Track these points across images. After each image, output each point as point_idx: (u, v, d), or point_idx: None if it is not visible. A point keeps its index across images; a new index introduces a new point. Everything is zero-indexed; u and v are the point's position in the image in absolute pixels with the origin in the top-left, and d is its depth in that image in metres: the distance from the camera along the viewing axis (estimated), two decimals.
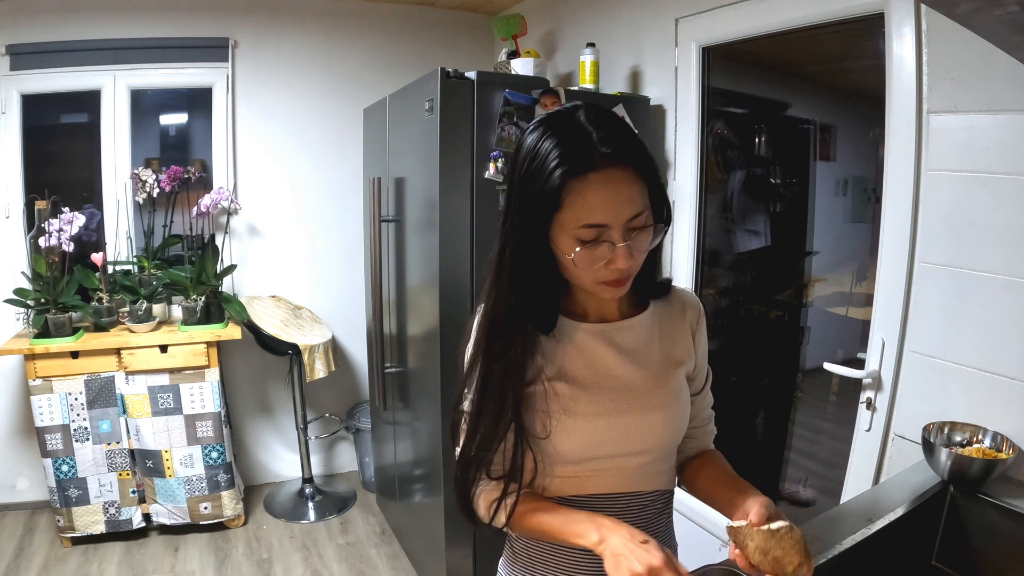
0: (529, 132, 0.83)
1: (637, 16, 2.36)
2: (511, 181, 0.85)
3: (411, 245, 2.24)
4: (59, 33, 2.69)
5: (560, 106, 0.84)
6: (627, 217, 0.79)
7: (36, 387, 2.46)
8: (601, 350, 0.91)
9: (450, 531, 2.11)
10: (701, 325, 1.01)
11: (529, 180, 0.80)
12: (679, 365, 0.96)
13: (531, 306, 0.87)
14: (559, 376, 0.90)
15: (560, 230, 0.81)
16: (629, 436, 0.90)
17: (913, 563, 1.27)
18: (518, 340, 0.86)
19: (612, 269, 0.81)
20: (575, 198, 0.78)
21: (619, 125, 0.82)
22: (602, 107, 0.85)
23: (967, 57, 1.35)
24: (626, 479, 0.92)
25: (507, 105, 1.94)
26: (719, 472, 0.98)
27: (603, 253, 0.80)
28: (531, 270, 0.85)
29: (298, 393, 2.96)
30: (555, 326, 0.90)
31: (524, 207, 0.82)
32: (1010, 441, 1.29)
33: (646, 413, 0.91)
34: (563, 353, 0.91)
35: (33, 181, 2.75)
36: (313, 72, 3.04)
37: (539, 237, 0.83)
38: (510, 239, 0.84)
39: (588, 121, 0.80)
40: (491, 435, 0.88)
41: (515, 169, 0.84)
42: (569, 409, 0.89)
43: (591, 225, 0.79)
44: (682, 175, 2.23)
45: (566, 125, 0.80)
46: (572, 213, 0.79)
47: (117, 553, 2.58)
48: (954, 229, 1.42)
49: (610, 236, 0.79)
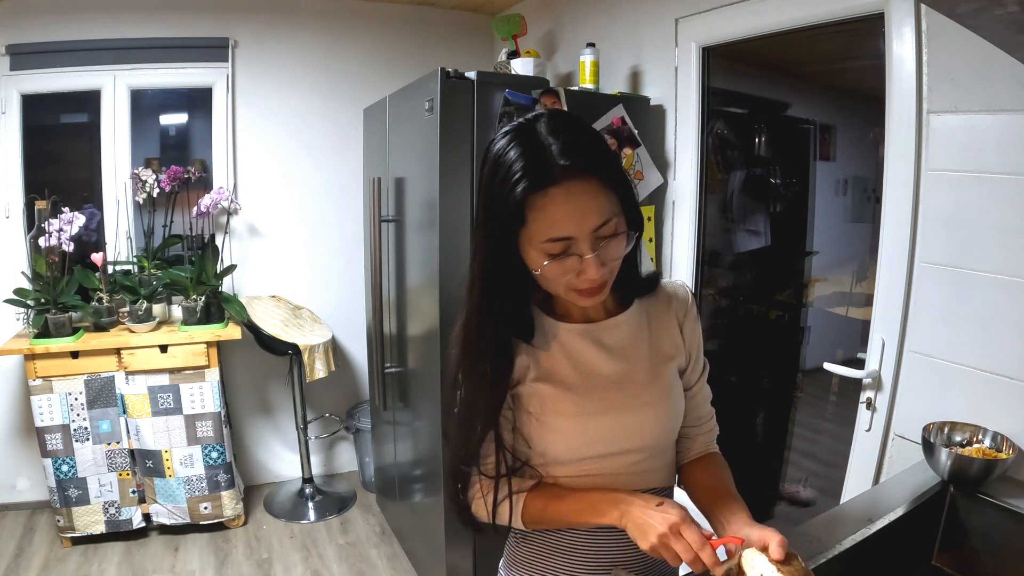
0: (494, 143, 0.83)
1: (637, 16, 2.36)
2: (478, 192, 0.86)
3: (411, 245, 2.24)
4: (59, 33, 2.69)
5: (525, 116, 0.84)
6: (593, 227, 0.78)
7: (36, 387, 2.46)
8: (586, 350, 0.91)
9: (450, 531, 2.11)
10: (689, 315, 0.99)
11: (493, 195, 0.80)
12: (669, 360, 0.95)
13: (505, 316, 0.87)
14: (545, 378, 0.90)
15: (527, 244, 0.81)
16: (619, 435, 0.90)
17: (913, 563, 1.26)
18: (487, 355, 0.87)
19: (584, 279, 0.81)
20: (537, 213, 0.78)
21: (581, 133, 0.81)
22: (567, 114, 0.84)
23: (967, 57, 1.35)
24: (620, 478, 0.92)
25: (507, 105, 1.94)
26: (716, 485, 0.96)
27: (572, 265, 0.80)
28: (501, 282, 0.85)
29: (298, 393, 2.96)
30: (533, 334, 0.91)
31: (489, 222, 0.82)
32: (1010, 441, 1.29)
33: (636, 411, 0.91)
34: (549, 355, 0.91)
35: (33, 181, 2.75)
36: (313, 72, 3.04)
37: (507, 251, 0.83)
38: (478, 253, 0.85)
39: (548, 132, 0.79)
40: (471, 446, 0.89)
41: (481, 180, 0.84)
42: (556, 410, 0.89)
43: (556, 239, 0.78)
44: (682, 175, 2.23)
45: (527, 137, 0.79)
46: (536, 228, 0.79)
47: (117, 553, 2.58)
48: (954, 229, 1.42)
49: (578, 248, 0.79)
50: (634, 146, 2.16)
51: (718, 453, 1.04)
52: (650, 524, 0.79)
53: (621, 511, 0.83)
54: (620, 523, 0.83)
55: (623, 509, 0.83)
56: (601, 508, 0.85)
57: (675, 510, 0.80)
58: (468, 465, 0.91)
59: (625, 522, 0.82)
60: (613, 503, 0.84)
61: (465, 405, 0.89)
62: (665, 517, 0.78)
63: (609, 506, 0.84)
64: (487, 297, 0.86)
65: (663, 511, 0.80)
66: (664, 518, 0.78)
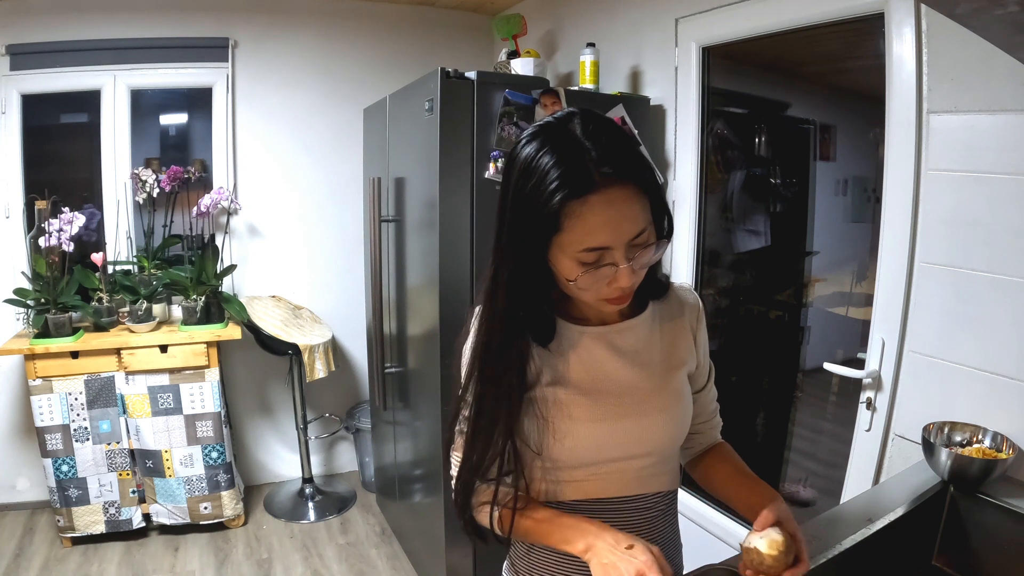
0: (523, 146, 0.79)
1: (637, 16, 2.36)
2: (504, 197, 0.81)
3: (411, 245, 2.24)
4: (59, 33, 2.69)
5: (555, 112, 0.80)
6: (629, 236, 0.76)
7: (36, 387, 2.46)
8: (601, 354, 0.90)
9: (450, 531, 2.11)
10: (701, 323, 0.99)
11: (525, 200, 0.76)
12: (680, 366, 0.95)
13: (528, 322, 0.85)
14: (558, 382, 0.88)
15: (560, 252, 0.78)
16: (630, 440, 0.89)
17: (913, 563, 1.26)
18: (513, 366, 0.84)
19: (614, 288, 0.79)
20: (575, 221, 0.74)
21: (617, 136, 0.78)
22: (598, 114, 0.80)
23: (967, 57, 1.35)
24: (628, 483, 0.91)
25: (507, 105, 1.94)
26: (733, 471, 0.99)
27: (606, 274, 0.78)
28: (529, 291, 0.83)
29: (298, 393, 2.96)
30: (553, 338, 0.89)
31: (520, 228, 0.78)
32: (1010, 441, 1.29)
33: (647, 416, 0.90)
34: (562, 358, 0.89)
35: (33, 181, 2.75)
36: (313, 72, 3.04)
37: (537, 258, 0.80)
38: (506, 260, 0.81)
39: (585, 135, 0.75)
40: (484, 458, 0.87)
41: (509, 185, 0.80)
42: (569, 415, 0.87)
43: (593, 248, 0.76)
44: (682, 175, 2.23)
45: (562, 140, 0.76)
46: (572, 236, 0.75)
47: (117, 553, 2.58)
48: (954, 229, 1.41)
49: (612, 257, 0.77)
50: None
51: (725, 443, 1.05)
52: (615, 567, 0.76)
53: (588, 544, 0.80)
54: (584, 556, 0.80)
55: (590, 542, 0.80)
56: (568, 535, 0.83)
57: (644, 555, 0.76)
58: (479, 477, 0.89)
59: (589, 557, 0.79)
60: (581, 534, 0.81)
61: (485, 417, 0.86)
62: (631, 564, 0.75)
63: (576, 536, 0.82)
64: (513, 307, 0.82)
65: (631, 555, 0.76)
66: (630, 564, 0.75)
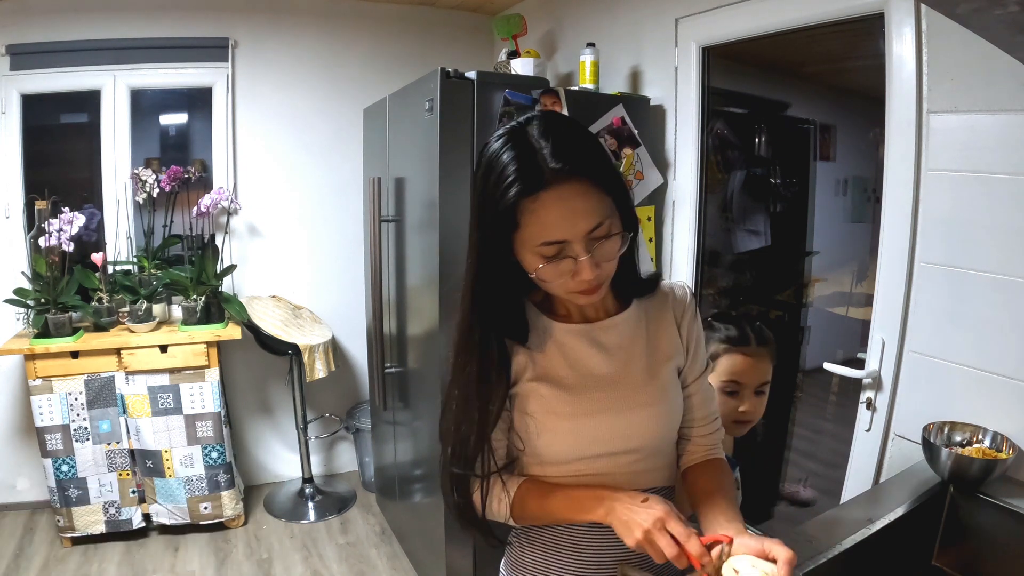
0: (487, 148, 0.83)
1: (637, 16, 2.36)
2: (472, 197, 0.86)
3: (411, 245, 2.24)
4: (59, 33, 2.69)
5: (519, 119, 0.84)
6: (586, 230, 0.79)
7: (36, 387, 2.45)
8: (583, 350, 0.91)
9: (450, 531, 2.11)
10: (688, 314, 0.98)
11: (486, 199, 0.81)
12: (667, 360, 0.95)
13: (497, 318, 0.88)
14: (541, 377, 0.90)
15: (522, 247, 0.82)
16: (615, 435, 0.90)
17: (913, 563, 1.27)
18: (475, 355, 0.88)
19: (579, 280, 0.82)
20: (530, 217, 0.78)
21: (572, 135, 0.81)
22: (559, 115, 0.85)
23: (967, 57, 1.35)
24: (617, 478, 0.91)
25: (507, 105, 1.94)
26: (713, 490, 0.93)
27: (567, 267, 0.81)
28: (494, 284, 0.86)
29: (298, 393, 2.96)
30: (527, 336, 0.91)
31: (483, 225, 0.83)
32: (1010, 441, 1.29)
33: (632, 411, 0.91)
34: (545, 355, 0.91)
35: (33, 181, 2.75)
36: (313, 72, 3.04)
37: (500, 253, 0.84)
38: (471, 255, 0.86)
39: (540, 135, 0.79)
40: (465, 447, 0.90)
41: (475, 185, 0.85)
42: (552, 410, 0.89)
43: (550, 242, 0.79)
44: (682, 175, 2.23)
45: (518, 141, 0.79)
46: (530, 232, 0.79)
47: (117, 553, 2.58)
48: (954, 229, 1.42)
49: (572, 250, 0.80)
50: (634, 146, 2.16)
51: (721, 459, 1.00)
52: (634, 520, 0.79)
53: (607, 508, 0.83)
54: (606, 520, 0.83)
55: (608, 506, 0.83)
56: (587, 505, 0.86)
57: (660, 505, 0.80)
58: (462, 467, 0.90)
59: (611, 519, 0.82)
60: (599, 500, 0.85)
61: (458, 406, 0.90)
62: (650, 513, 0.79)
63: (595, 503, 0.85)
64: (479, 299, 0.87)
65: (648, 507, 0.80)
66: (649, 514, 0.79)
